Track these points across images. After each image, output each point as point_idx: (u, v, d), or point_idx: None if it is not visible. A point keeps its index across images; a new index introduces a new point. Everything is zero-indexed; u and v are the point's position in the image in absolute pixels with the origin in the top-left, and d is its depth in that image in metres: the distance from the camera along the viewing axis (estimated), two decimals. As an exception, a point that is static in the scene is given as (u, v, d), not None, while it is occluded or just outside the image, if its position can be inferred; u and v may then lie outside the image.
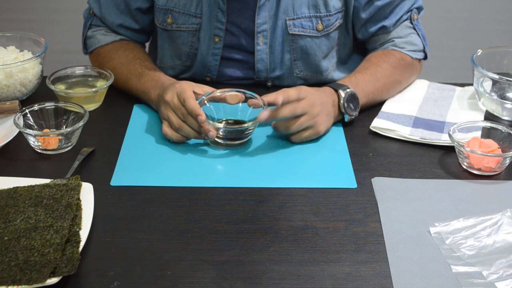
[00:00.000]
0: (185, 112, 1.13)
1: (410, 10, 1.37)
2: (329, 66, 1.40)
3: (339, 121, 1.24)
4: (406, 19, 1.37)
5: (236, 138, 1.16)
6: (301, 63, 1.37)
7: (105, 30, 1.40)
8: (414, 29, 1.38)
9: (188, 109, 1.12)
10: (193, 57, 1.38)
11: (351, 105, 1.22)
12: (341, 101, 1.21)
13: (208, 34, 1.34)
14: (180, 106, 1.14)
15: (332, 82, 1.27)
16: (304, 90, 1.16)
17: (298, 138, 1.17)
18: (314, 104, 1.16)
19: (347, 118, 1.23)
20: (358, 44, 1.44)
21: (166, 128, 1.17)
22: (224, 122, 1.18)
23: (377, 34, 1.37)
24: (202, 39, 1.35)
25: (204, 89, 1.18)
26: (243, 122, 1.18)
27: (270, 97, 1.14)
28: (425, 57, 1.39)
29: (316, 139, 1.19)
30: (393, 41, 1.36)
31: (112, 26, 1.38)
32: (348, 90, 1.22)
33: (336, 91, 1.22)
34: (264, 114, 1.12)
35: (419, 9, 1.39)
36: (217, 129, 1.14)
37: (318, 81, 1.40)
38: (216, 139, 1.16)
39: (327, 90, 1.22)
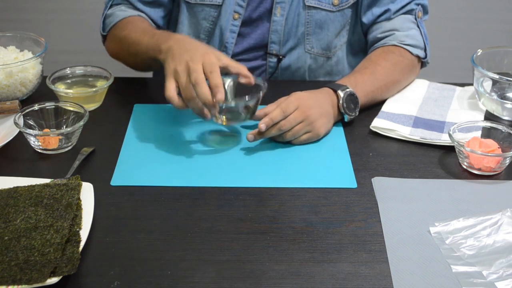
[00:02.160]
0: (202, 80, 1.08)
1: (417, 4, 1.38)
2: (338, 44, 1.42)
3: (339, 121, 1.24)
4: (411, 11, 1.38)
5: (236, 114, 1.15)
6: (313, 38, 1.39)
7: (125, 6, 1.39)
8: (417, 26, 1.38)
9: (213, 83, 1.08)
10: (211, 34, 1.39)
11: (351, 105, 1.22)
12: (340, 102, 1.21)
13: (230, 10, 1.36)
14: (200, 72, 1.08)
15: (336, 62, 1.28)
16: (295, 99, 1.16)
17: (297, 142, 1.17)
18: (310, 108, 1.16)
19: (347, 118, 1.23)
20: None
21: (171, 89, 1.11)
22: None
23: (380, 21, 1.38)
24: (223, 14, 1.37)
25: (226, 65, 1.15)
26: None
27: (261, 112, 1.16)
28: (425, 57, 1.38)
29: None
30: (394, 33, 1.37)
31: (133, 0, 1.38)
32: (347, 90, 1.22)
33: (335, 91, 1.22)
34: (251, 135, 1.14)
35: (425, 9, 1.40)
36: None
37: (324, 60, 1.43)
38: (218, 115, 1.15)
39: (325, 91, 1.22)
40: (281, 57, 1.41)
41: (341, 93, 1.21)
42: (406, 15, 1.38)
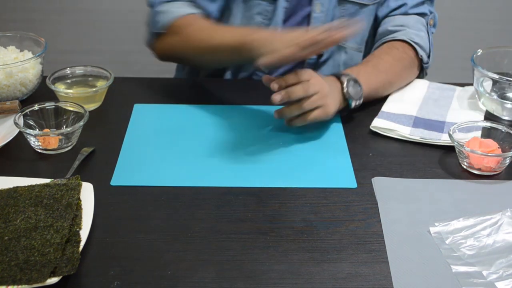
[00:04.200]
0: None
1: (430, 12, 1.40)
2: (368, 38, 1.43)
3: (344, 109, 1.23)
4: (424, 15, 1.40)
5: None
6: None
7: (179, 3, 1.35)
8: (427, 31, 1.40)
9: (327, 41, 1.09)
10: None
11: (354, 90, 1.22)
12: (344, 86, 1.21)
13: (282, 4, 1.36)
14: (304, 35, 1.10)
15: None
16: (310, 72, 1.17)
17: (305, 119, 1.16)
18: (324, 85, 1.17)
19: (351, 103, 1.22)
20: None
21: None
22: None
23: (394, 14, 1.40)
24: (278, 8, 1.36)
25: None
26: None
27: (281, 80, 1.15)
28: (427, 63, 1.39)
29: (316, 139, 1.19)
30: (405, 29, 1.37)
31: None
32: (350, 76, 1.22)
33: (338, 78, 1.22)
34: (277, 96, 1.13)
35: (435, 20, 1.42)
36: None
37: (357, 55, 1.44)
38: None
39: (329, 78, 1.22)
40: (321, 53, 1.41)
41: (344, 79, 1.21)
42: (419, 17, 1.40)
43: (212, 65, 1.40)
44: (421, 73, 1.41)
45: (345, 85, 1.21)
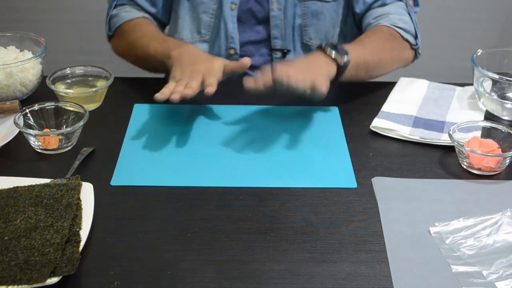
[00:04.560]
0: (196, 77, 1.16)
1: None
2: (335, 34, 1.43)
3: (340, 71, 1.21)
4: (402, 1, 1.40)
5: None
6: (311, 29, 1.41)
7: (129, 7, 1.43)
8: (408, 13, 1.40)
9: (207, 82, 1.15)
10: (215, 28, 1.41)
11: (337, 49, 1.21)
12: (327, 49, 1.20)
13: (229, 1, 1.38)
14: (198, 79, 1.16)
15: None
16: (291, 64, 1.15)
17: (302, 85, 1.13)
18: (309, 64, 1.16)
19: (344, 57, 1.20)
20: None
21: (164, 91, 1.15)
22: None
23: (373, 7, 1.39)
24: (224, 5, 1.38)
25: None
26: None
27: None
28: (416, 45, 1.39)
29: (316, 139, 1.19)
30: (388, 16, 1.37)
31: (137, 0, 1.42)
32: (328, 43, 1.22)
33: (318, 47, 1.22)
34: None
35: (415, 2, 1.42)
36: None
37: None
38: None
39: (309, 54, 1.22)
40: (285, 51, 1.41)
41: (323, 44, 1.21)
42: (398, 1, 1.40)
43: (153, 70, 1.43)
44: (416, 57, 1.42)
45: (327, 48, 1.20)
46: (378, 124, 1.22)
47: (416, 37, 1.39)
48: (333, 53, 1.19)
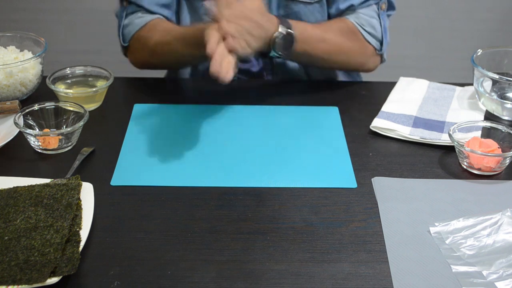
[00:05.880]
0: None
1: None
2: None
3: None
4: (374, 4, 1.39)
5: None
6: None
7: (141, 13, 1.38)
8: (378, 17, 1.39)
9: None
10: None
11: (283, 44, 1.22)
12: (276, 36, 1.20)
13: None
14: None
15: None
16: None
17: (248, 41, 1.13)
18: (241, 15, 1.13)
19: (272, 52, 1.22)
20: None
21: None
22: None
23: (346, 13, 1.39)
24: None
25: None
26: None
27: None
28: (381, 50, 1.39)
29: (316, 139, 1.19)
30: (358, 14, 1.37)
31: (149, 5, 1.37)
32: (288, 30, 1.21)
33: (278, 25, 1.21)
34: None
35: (390, 4, 1.41)
36: None
37: None
38: None
39: (270, 17, 1.21)
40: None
41: (281, 28, 1.20)
42: (369, 6, 1.39)
43: (189, 63, 1.41)
44: (382, 61, 1.42)
45: (276, 36, 1.20)
46: (378, 124, 1.22)
47: (381, 42, 1.38)
48: (277, 45, 1.20)
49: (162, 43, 1.31)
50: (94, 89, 1.26)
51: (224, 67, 1.05)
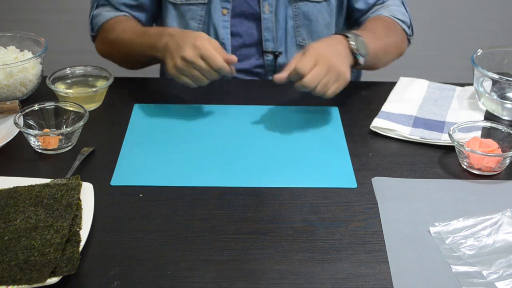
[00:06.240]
0: (209, 69, 1.17)
1: None
2: (329, 34, 1.43)
3: (355, 64, 1.25)
4: None
5: None
6: (303, 30, 1.41)
7: (110, 7, 1.43)
8: (403, 4, 1.45)
9: (216, 66, 1.16)
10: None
11: (361, 44, 1.24)
12: (351, 42, 1.23)
13: (218, 6, 1.38)
14: (204, 67, 1.17)
15: None
16: (312, 54, 1.16)
17: (330, 93, 1.18)
18: (331, 58, 1.17)
19: (359, 58, 1.24)
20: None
21: (185, 79, 1.20)
22: None
23: (375, 8, 1.44)
24: (212, 12, 1.38)
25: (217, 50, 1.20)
26: None
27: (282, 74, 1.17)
28: (411, 35, 1.46)
29: (316, 139, 1.19)
30: (388, 7, 1.42)
31: (117, 4, 1.42)
32: (353, 33, 1.25)
33: (345, 36, 1.24)
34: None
35: None
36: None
37: None
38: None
39: (335, 37, 1.25)
40: (277, 53, 1.41)
41: (350, 34, 1.24)
42: None
43: (143, 66, 1.44)
44: (408, 44, 1.47)
45: (351, 41, 1.23)
46: (378, 124, 1.22)
47: (411, 27, 1.45)
48: (358, 48, 1.23)
49: (120, 40, 1.35)
50: (94, 89, 1.26)
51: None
